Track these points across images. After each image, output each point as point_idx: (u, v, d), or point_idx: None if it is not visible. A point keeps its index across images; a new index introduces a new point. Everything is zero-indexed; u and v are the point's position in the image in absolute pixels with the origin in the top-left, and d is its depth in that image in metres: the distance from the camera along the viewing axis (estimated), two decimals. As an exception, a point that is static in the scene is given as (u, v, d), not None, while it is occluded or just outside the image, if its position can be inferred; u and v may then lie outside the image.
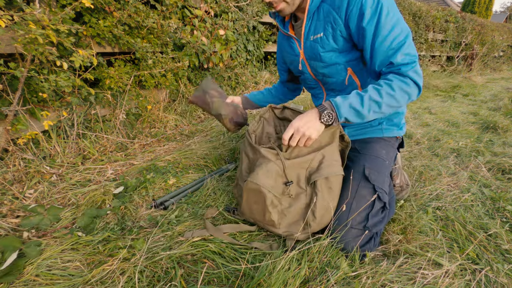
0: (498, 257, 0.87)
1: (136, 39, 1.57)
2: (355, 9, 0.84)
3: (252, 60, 2.80)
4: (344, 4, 0.86)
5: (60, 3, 1.29)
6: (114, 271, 0.77)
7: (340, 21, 0.89)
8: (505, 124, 2.07)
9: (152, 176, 1.26)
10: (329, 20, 0.91)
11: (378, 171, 0.94)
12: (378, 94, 0.83)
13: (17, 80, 1.21)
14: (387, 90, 0.83)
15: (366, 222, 0.85)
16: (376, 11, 0.82)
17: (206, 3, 2.05)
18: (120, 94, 1.63)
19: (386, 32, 0.83)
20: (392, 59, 0.83)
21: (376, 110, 0.84)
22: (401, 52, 0.83)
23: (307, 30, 0.99)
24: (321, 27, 0.94)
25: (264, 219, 0.88)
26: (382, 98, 0.82)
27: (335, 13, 0.89)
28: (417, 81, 0.84)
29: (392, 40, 0.83)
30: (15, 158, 1.20)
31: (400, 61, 0.83)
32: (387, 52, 0.84)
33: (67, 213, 1.02)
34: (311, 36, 0.99)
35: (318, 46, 0.97)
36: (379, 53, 0.85)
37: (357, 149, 1.04)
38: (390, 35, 0.83)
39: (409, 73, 0.83)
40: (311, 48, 1.00)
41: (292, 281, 0.71)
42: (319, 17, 0.95)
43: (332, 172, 0.85)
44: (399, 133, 1.09)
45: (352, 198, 0.89)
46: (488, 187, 1.28)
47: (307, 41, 1.01)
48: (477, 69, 5.72)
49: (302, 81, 1.22)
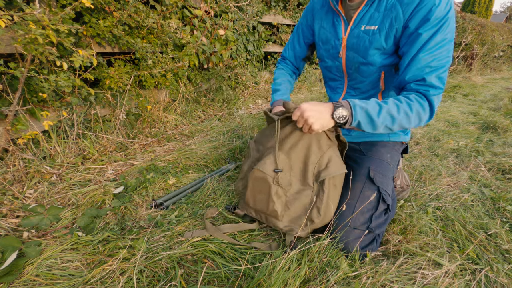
0: (498, 257, 0.87)
1: (136, 39, 1.57)
2: (423, 10, 0.78)
3: (252, 60, 2.80)
4: (415, 1, 0.79)
5: (60, 3, 1.29)
6: (114, 271, 0.77)
7: (402, 18, 0.82)
8: (505, 124, 2.07)
9: (152, 176, 1.26)
10: (391, 14, 0.83)
11: (383, 174, 0.94)
12: (397, 110, 0.78)
13: (17, 80, 1.21)
14: (405, 109, 0.79)
15: (370, 223, 0.85)
16: (439, 23, 0.77)
17: (206, 3, 2.05)
18: (120, 94, 1.63)
19: (435, 48, 0.78)
20: (426, 76, 0.79)
21: (388, 125, 0.79)
22: (437, 74, 0.79)
23: (361, 16, 0.88)
24: (379, 20, 0.85)
25: (268, 209, 0.88)
26: (399, 115, 0.78)
27: (401, 8, 0.81)
28: (435, 108, 0.81)
29: (435, 58, 0.78)
30: (15, 158, 1.20)
31: (433, 82, 0.79)
32: (425, 68, 0.79)
33: (67, 213, 1.02)
34: (362, 25, 0.89)
35: (366, 40, 0.88)
36: (417, 65, 0.80)
37: (362, 151, 1.03)
38: (436, 53, 0.78)
39: (433, 98, 0.80)
40: (357, 39, 0.91)
41: (292, 281, 0.71)
42: (379, 7, 0.85)
43: (339, 170, 0.86)
44: (405, 138, 1.08)
45: (356, 199, 0.89)
46: (488, 187, 1.28)
47: (355, 29, 0.91)
48: (477, 69, 5.72)
49: (325, 68, 1.10)
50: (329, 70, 1.08)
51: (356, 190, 0.91)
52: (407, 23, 0.81)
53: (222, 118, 2.18)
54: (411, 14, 0.80)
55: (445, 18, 0.77)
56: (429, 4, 0.77)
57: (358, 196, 0.89)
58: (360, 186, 0.91)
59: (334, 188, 0.87)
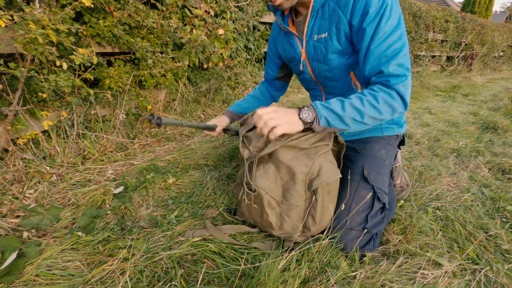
0: (498, 257, 0.87)
1: (136, 39, 1.57)
2: (359, 6, 0.80)
3: (252, 60, 2.80)
4: (350, 1, 0.81)
5: (60, 3, 1.29)
6: (114, 271, 0.77)
7: (345, 19, 0.84)
8: (505, 124, 2.07)
9: (152, 176, 1.26)
10: (334, 19, 0.86)
11: (377, 171, 0.94)
12: (361, 102, 0.78)
13: (17, 80, 1.21)
14: (370, 100, 0.78)
15: (366, 223, 0.85)
16: (379, 13, 0.77)
17: (206, 3, 2.05)
18: (120, 94, 1.63)
19: (383, 37, 0.78)
20: (383, 67, 0.79)
21: (358, 119, 0.78)
22: (394, 62, 0.78)
23: (310, 28, 0.92)
24: (326, 27, 0.89)
25: (262, 220, 0.88)
26: (365, 107, 0.77)
27: (340, 11, 0.84)
28: (404, 96, 0.79)
29: (387, 46, 0.78)
30: (15, 158, 1.20)
31: (392, 71, 0.78)
32: (380, 58, 0.79)
33: (67, 213, 1.02)
34: (314, 36, 0.92)
35: (322, 47, 0.92)
36: (372, 58, 0.80)
37: (356, 149, 1.03)
38: (387, 41, 0.78)
39: (398, 87, 0.78)
40: (314, 49, 0.95)
41: (292, 281, 0.71)
42: (323, 15, 0.88)
43: (332, 177, 0.83)
44: (400, 131, 1.08)
45: (351, 199, 0.89)
46: (488, 187, 1.28)
47: (310, 41, 0.95)
48: (477, 69, 5.72)
49: (301, 80, 1.17)
50: (304, 81, 1.15)
51: (351, 190, 0.91)
52: (351, 21, 0.83)
53: (222, 118, 2.17)
54: (350, 13, 0.82)
55: (384, 6, 0.77)
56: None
57: (353, 196, 0.89)
58: (355, 186, 0.91)
59: (329, 194, 0.86)
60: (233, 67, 2.52)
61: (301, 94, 3.13)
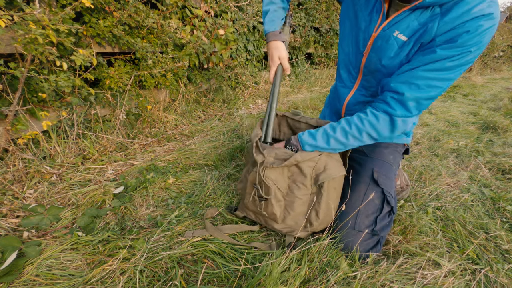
0: (498, 257, 0.87)
1: (136, 39, 1.57)
2: (458, 31, 0.67)
3: (252, 60, 2.80)
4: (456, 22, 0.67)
5: (60, 3, 1.29)
6: (114, 271, 0.77)
7: (434, 33, 0.72)
8: (505, 124, 2.07)
9: (152, 176, 1.26)
10: (426, 27, 0.73)
11: (386, 175, 0.93)
12: (345, 136, 0.84)
13: (17, 80, 1.21)
14: (354, 134, 0.83)
15: (375, 226, 0.85)
16: (461, 50, 0.68)
17: (206, 3, 2.05)
18: (120, 94, 1.63)
19: (435, 73, 0.72)
20: (406, 92, 0.75)
21: (342, 148, 0.86)
22: (417, 97, 0.75)
23: (397, 20, 0.77)
24: (412, 31, 0.75)
25: (267, 211, 0.88)
26: (348, 140, 0.84)
27: (437, 24, 0.71)
28: (396, 128, 0.80)
29: (428, 82, 0.73)
30: (15, 158, 1.20)
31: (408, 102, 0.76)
32: (411, 83, 0.74)
33: (67, 213, 1.02)
34: (396, 31, 0.78)
35: (395, 49, 0.79)
36: (407, 76, 0.75)
37: (365, 152, 1.03)
38: (433, 77, 0.72)
39: (397, 120, 0.79)
40: (385, 44, 0.81)
41: (292, 281, 0.71)
42: (421, 18, 0.74)
43: (337, 172, 0.85)
44: (407, 140, 1.08)
45: (360, 201, 0.88)
46: (488, 187, 1.28)
47: (387, 31, 0.79)
48: (477, 69, 5.72)
49: (342, 60, 1.02)
50: (345, 62, 1.00)
51: (360, 192, 0.90)
52: (437, 37, 0.72)
53: (222, 118, 2.18)
54: (443, 32, 0.71)
55: (468, 51, 0.68)
56: (470, 27, 0.66)
57: (362, 198, 0.88)
58: (364, 188, 0.90)
59: (334, 190, 0.87)
60: (233, 68, 2.52)
61: (301, 94, 3.13)
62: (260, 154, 0.87)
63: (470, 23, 0.66)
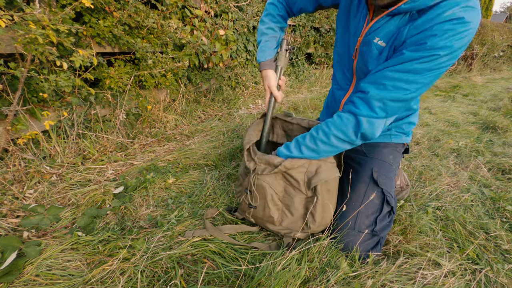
0: (498, 257, 0.87)
1: (136, 39, 1.57)
2: (428, 33, 0.68)
3: (252, 60, 2.80)
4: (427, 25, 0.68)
5: (60, 3, 1.29)
6: (114, 271, 0.77)
7: (404, 36, 0.74)
8: (505, 124, 2.07)
9: (152, 176, 1.26)
10: (399, 31, 0.75)
11: (386, 175, 0.93)
12: (314, 143, 0.83)
13: (17, 80, 1.21)
14: (322, 138, 0.82)
15: (375, 226, 0.85)
16: (429, 53, 0.68)
17: (206, 3, 2.05)
18: (120, 94, 1.63)
19: (403, 73, 0.71)
20: (372, 91, 0.75)
21: (315, 156, 0.84)
22: (383, 97, 0.74)
23: (377, 26, 0.79)
24: (389, 36, 0.78)
25: (264, 214, 0.89)
26: (318, 147, 0.83)
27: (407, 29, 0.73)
28: (362, 130, 0.77)
29: (394, 83, 0.72)
30: (15, 158, 1.20)
31: (373, 101, 0.75)
32: (379, 82, 0.74)
33: (67, 213, 1.02)
34: (376, 38, 0.81)
35: (375, 54, 0.82)
36: (376, 76, 0.76)
37: (364, 152, 1.03)
38: (400, 78, 0.72)
39: (362, 120, 0.77)
40: (368, 49, 0.83)
41: (292, 281, 0.71)
42: (399, 24, 0.76)
43: (330, 175, 0.85)
44: (407, 140, 1.08)
45: (360, 201, 0.88)
46: (488, 187, 1.28)
47: (369, 36, 0.82)
48: (477, 69, 5.72)
49: (337, 63, 1.04)
50: (343, 63, 1.01)
51: (360, 192, 0.90)
52: (407, 40, 0.73)
53: (222, 118, 2.18)
54: (413, 35, 0.72)
55: (437, 54, 0.67)
56: (437, 29, 0.66)
57: (362, 198, 0.88)
58: (363, 188, 0.90)
59: (328, 192, 0.86)
60: (233, 68, 2.52)
61: (301, 94, 3.13)
62: (252, 161, 0.88)
63: (438, 26, 0.66)
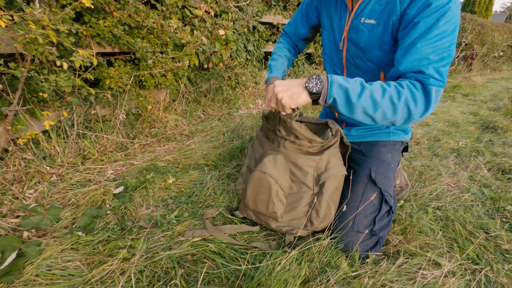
0: (498, 257, 0.87)
1: (136, 39, 1.57)
2: None
3: (252, 60, 2.80)
4: None
5: (60, 3, 1.29)
6: (114, 271, 0.77)
7: (399, 9, 0.76)
8: (505, 124, 2.07)
9: (152, 176, 1.26)
10: (389, 6, 0.78)
11: (384, 175, 0.93)
12: (382, 94, 0.69)
13: (17, 80, 1.21)
14: (392, 94, 0.69)
15: (373, 226, 0.85)
16: (440, 10, 0.69)
17: (206, 3, 2.05)
18: (120, 94, 1.63)
19: (435, 39, 0.70)
20: (424, 69, 0.71)
21: (369, 111, 0.70)
22: (435, 67, 0.70)
23: (362, 8, 0.85)
24: (378, 13, 0.81)
25: (267, 210, 0.89)
26: (383, 100, 0.69)
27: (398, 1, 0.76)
28: (431, 101, 0.70)
29: (434, 50, 0.70)
30: (15, 158, 1.20)
31: (432, 73, 0.71)
32: (422, 60, 0.71)
33: (67, 213, 1.02)
34: (362, 18, 0.85)
35: (365, 34, 0.85)
36: (413, 56, 0.72)
37: (363, 152, 1.02)
38: (435, 44, 0.70)
39: (432, 88, 0.70)
40: (356, 32, 0.87)
41: (292, 281, 0.71)
42: (380, 1, 0.81)
43: (338, 172, 0.86)
44: (406, 137, 1.07)
45: (358, 201, 0.88)
46: (488, 187, 1.28)
47: (355, 21, 0.87)
48: (477, 69, 5.72)
49: (327, 62, 1.08)
50: (329, 63, 1.05)
51: (358, 192, 0.90)
52: (406, 10, 0.75)
53: (222, 118, 2.18)
54: (409, 2, 0.74)
55: (447, 6, 0.69)
56: None
57: (361, 198, 0.88)
58: (362, 188, 0.90)
59: (335, 190, 0.87)
60: (233, 68, 2.52)
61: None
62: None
63: None
